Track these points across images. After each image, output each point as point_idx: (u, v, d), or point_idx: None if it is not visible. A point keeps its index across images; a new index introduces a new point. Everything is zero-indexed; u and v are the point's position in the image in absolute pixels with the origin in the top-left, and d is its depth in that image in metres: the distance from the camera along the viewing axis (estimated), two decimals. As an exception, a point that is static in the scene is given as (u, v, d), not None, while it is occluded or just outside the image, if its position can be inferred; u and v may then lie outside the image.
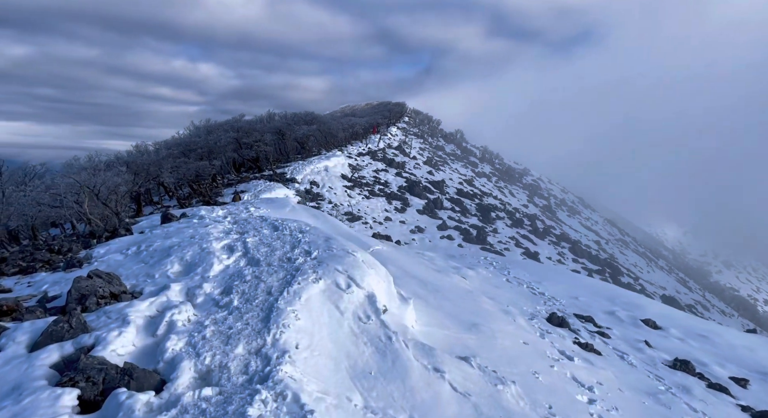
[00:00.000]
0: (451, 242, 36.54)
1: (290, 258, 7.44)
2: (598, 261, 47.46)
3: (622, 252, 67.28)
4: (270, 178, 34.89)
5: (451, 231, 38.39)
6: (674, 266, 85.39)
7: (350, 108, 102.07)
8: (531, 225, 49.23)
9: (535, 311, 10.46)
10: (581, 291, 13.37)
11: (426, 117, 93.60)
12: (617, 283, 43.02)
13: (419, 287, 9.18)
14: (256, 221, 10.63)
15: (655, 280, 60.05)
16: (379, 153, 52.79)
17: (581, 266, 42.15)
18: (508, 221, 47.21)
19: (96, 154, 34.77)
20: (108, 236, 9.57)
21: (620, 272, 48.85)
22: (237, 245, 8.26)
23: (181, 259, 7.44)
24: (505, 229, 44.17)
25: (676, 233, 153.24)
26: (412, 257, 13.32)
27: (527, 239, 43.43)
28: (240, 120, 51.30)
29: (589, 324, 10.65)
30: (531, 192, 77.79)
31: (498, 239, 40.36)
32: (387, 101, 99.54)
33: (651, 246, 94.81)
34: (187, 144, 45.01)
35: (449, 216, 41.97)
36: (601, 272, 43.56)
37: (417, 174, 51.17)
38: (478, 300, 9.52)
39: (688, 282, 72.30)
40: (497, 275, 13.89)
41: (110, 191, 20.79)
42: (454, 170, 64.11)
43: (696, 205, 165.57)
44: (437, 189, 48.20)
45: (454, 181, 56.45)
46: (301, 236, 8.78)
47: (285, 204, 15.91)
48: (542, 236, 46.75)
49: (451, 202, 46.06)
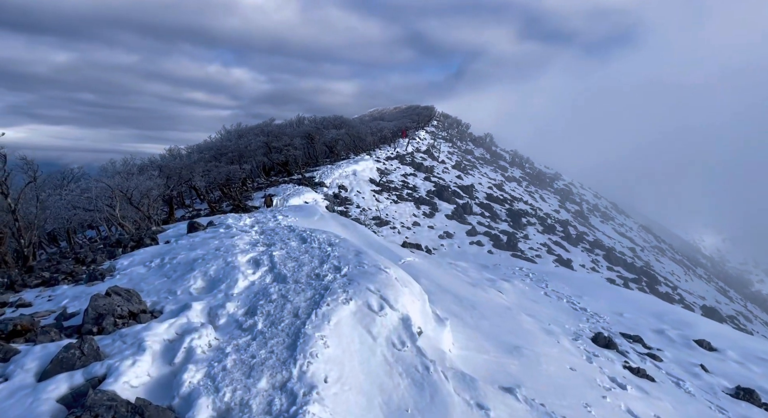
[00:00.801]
0: (481, 248, 35.74)
1: (319, 275, 7.02)
2: (633, 269, 45.79)
3: (658, 260, 64.95)
4: (299, 182, 34.86)
5: (480, 237, 37.58)
6: (713, 274, 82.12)
7: (378, 112, 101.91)
8: (563, 231, 47.87)
9: (578, 330, 9.77)
10: (626, 307, 12.55)
11: (455, 121, 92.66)
12: (654, 292, 41.40)
13: (454, 304, 8.61)
14: (284, 232, 10.32)
15: (694, 289, 57.71)
16: (407, 157, 52.28)
17: (616, 275, 40.73)
18: (540, 226, 46.00)
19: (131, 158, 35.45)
20: (133, 245, 9.35)
21: (657, 280, 47.01)
22: (263, 258, 7.94)
23: (204, 274, 7.12)
24: (537, 235, 43.04)
25: (715, 240, 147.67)
26: (444, 269, 12.76)
27: (559, 245, 42.21)
28: (270, 124, 51.64)
29: (637, 345, 9.88)
30: (562, 197, 75.92)
31: (529, 245, 39.35)
32: (415, 105, 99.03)
33: (688, 254, 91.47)
34: (218, 148, 45.51)
35: (479, 221, 41.15)
36: (637, 280, 41.97)
37: (446, 178, 50.43)
38: (517, 318, 8.90)
39: (728, 292, 69.33)
40: (534, 288, 13.20)
41: (142, 195, 20.98)
42: (483, 174, 63.08)
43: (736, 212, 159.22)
44: (466, 194, 47.37)
45: (483, 185, 55.48)
46: (331, 249, 8.38)
47: (313, 212, 15.56)
48: (575, 242, 45.39)
49: (481, 207, 45.19)
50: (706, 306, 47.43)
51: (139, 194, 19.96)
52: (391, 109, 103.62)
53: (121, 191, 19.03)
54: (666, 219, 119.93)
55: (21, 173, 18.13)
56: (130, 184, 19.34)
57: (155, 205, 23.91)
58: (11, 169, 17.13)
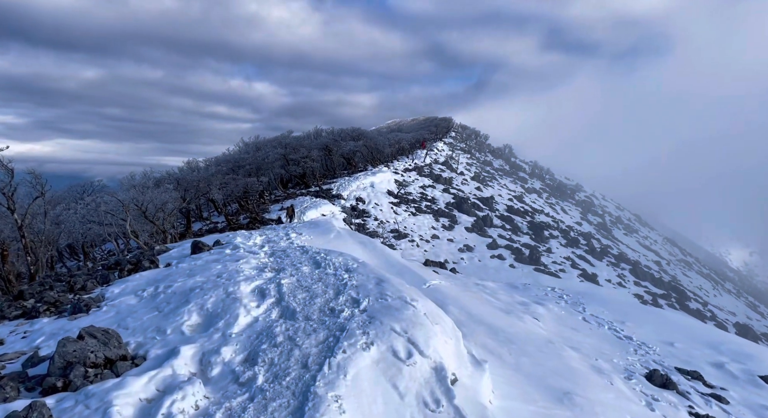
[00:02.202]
0: (502, 262, 34.47)
1: (333, 309, 6.07)
2: (662, 284, 43.92)
3: (685, 274, 62.74)
4: (316, 194, 34.21)
5: (501, 250, 36.33)
6: (742, 289, 79.16)
7: (396, 124, 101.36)
8: (587, 244, 46.26)
9: (628, 365, 8.58)
10: (675, 334, 11.28)
11: (473, 132, 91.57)
12: (685, 309, 39.52)
13: (489, 338, 7.54)
14: (296, 254, 9.39)
15: (724, 304, 55.44)
16: (425, 169, 51.31)
17: (644, 290, 39.04)
18: (563, 239, 44.47)
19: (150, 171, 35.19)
20: (131, 268, 8.52)
21: (687, 296, 45.05)
22: (270, 288, 7.02)
23: (201, 307, 6.26)
24: (560, 248, 41.56)
25: (742, 254, 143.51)
26: (472, 292, 11.66)
27: (584, 259, 40.66)
28: (288, 136, 51.26)
29: (697, 383, 8.65)
30: (584, 209, 74.07)
31: (552, 259, 37.93)
32: (433, 116, 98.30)
33: (715, 267, 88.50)
34: (236, 160, 45.21)
35: (499, 234, 39.88)
36: (666, 296, 40.16)
37: (465, 190, 49.29)
38: (561, 353, 7.79)
39: (758, 307, 66.60)
40: (571, 312, 12.01)
41: (157, 209, 20.44)
42: (503, 186, 61.76)
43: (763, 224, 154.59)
44: (486, 206, 46.13)
45: (503, 197, 54.18)
46: (348, 276, 7.39)
47: (329, 229, 14.69)
48: (600, 256, 43.76)
49: (501, 220, 43.89)
50: (739, 324, 45.26)
51: (154, 208, 19.35)
52: (408, 120, 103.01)
53: (136, 205, 18.44)
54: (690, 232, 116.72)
55: (29, 187, 17.65)
56: (145, 197, 18.73)
57: (171, 219, 23.35)
58: (18, 183, 16.64)
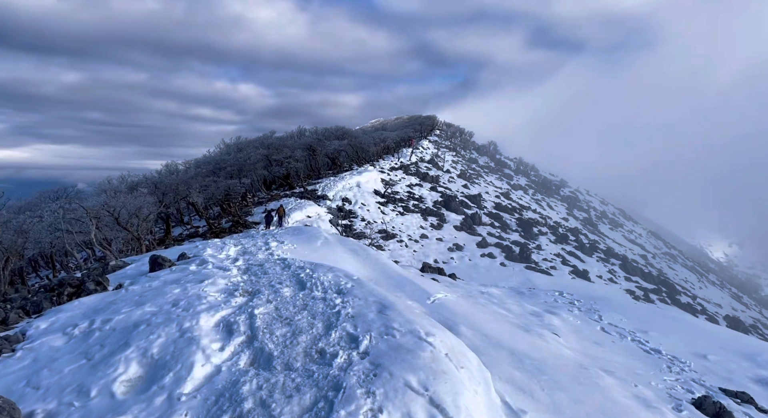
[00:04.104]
0: (493, 261, 33.62)
1: (324, 352, 4.72)
2: (651, 279, 43.56)
3: (670, 267, 62.79)
4: (301, 195, 32.96)
5: (492, 248, 35.49)
6: (724, 280, 79.81)
7: (381, 123, 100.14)
8: (576, 240, 45.68)
9: (670, 389, 7.42)
10: (704, 344, 10.24)
11: (458, 129, 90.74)
12: (676, 303, 39.12)
13: (515, 368, 6.23)
14: (275, 270, 7.94)
15: (710, 296, 55.52)
16: (411, 167, 50.24)
17: (635, 285, 38.51)
18: (552, 236, 43.81)
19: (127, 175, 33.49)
20: (71, 292, 7.07)
21: (676, 290, 44.72)
22: (239, 320, 5.56)
23: (144, 353, 4.83)
24: (549, 245, 40.88)
25: (721, 245, 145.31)
26: (481, 304, 10.48)
27: (574, 255, 40.04)
28: (270, 136, 49.75)
29: (750, 408, 7.53)
30: (569, 204, 73.79)
31: (543, 256, 37.20)
32: (417, 115, 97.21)
33: (698, 259, 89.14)
34: (216, 162, 43.74)
35: (489, 232, 39.05)
36: (657, 291, 39.72)
37: (452, 188, 48.33)
38: (598, 381, 6.55)
39: (741, 298, 67.08)
40: (588, 322, 10.93)
41: (131, 214, 19.03)
42: (489, 183, 61.00)
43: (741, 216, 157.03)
44: (474, 203, 45.25)
45: (490, 194, 53.38)
46: (341, 302, 6.03)
47: (315, 236, 13.35)
48: (589, 252, 43.16)
49: (490, 217, 43.06)
50: (729, 316, 45.10)
51: (127, 213, 17.92)
52: (393, 119, 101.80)
53: (107, 211, 16.98)
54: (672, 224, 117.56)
55: None
56: (117, 202, 17.27)
57: (147, 225, 21.88)
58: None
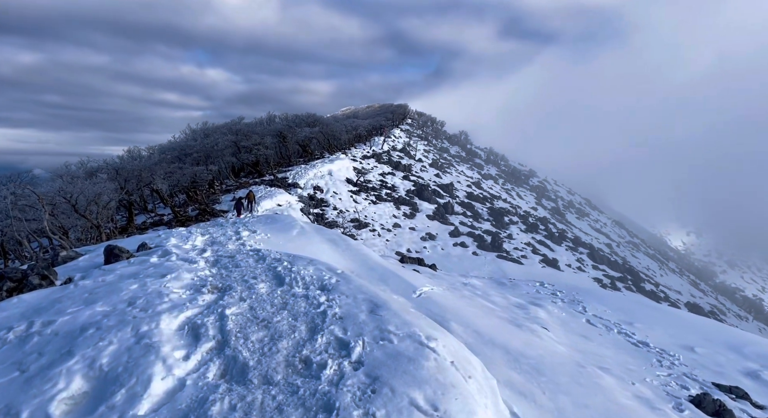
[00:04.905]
0: (465, 250, 34.06)
1: (309, 361, 4.12)
2: (617, 267, 44.99)
3: (633, 255, 64.92)
4: (271, 183, 32.44)
5: (464, 238, 35.92)
6: (683, 267, 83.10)
7: (352, 111, 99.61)
8: (545, 229, 46.71)
9: (666, 386, 7.46)
10: (689, 336, 10.51)
11: (429, 119, 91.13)
12: (641, 290, 40.53)
13: (512, 368, 6.11)
14: (248, 262, 7.18)
15: (670, 283, 57.70)
16: (384, 156, 50.22)
17: (602, 273, 39.68)
18: (522, 225, 44.67)
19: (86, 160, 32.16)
20: (11, 287, 6.07)
21: (640, 278, 46.37)
22: (207, 323, 4.79)
23: (91, 363, 3.95)
24: (520, 234, 41.67)
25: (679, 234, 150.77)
26: (466, 297, 10.48)
27: (544, 244, 40.93)
28: (239, 122, 48.66)
29: (745, 404, 7.58)
30: (538, 194, 75.31)
31: (513, 245, 37.89)
32: (389, 103, 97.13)
33: (658, 248, 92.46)
34: (182, 148, 42.44)
35: (461, 221, 39.48)
36: (623, 279, 41.05)
37: (424, 177, 48.60)
38: (598, 381, 6.56)
39: (699, 285, 70.01)
40: (572, 313, 11.12)
41: (89, 201, 18.30)
42: (460, 173, 61.60)
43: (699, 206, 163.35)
44: (446, 193, 45.66)
45: (462, 184, 53.93)
46: (326, 299, 5.48)
47: (290, 225, 12.78)
48: (558, 241, 44.22)
49: (462, 207, 43.54)
50: (690, 303, 47.06)
51: (85, 200, 17.25)
52: (364, 107, 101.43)
53: (64, 197, 16.33)
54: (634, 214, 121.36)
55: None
56: (74, 188, 16.61)
57: (107, 212, 21.16)
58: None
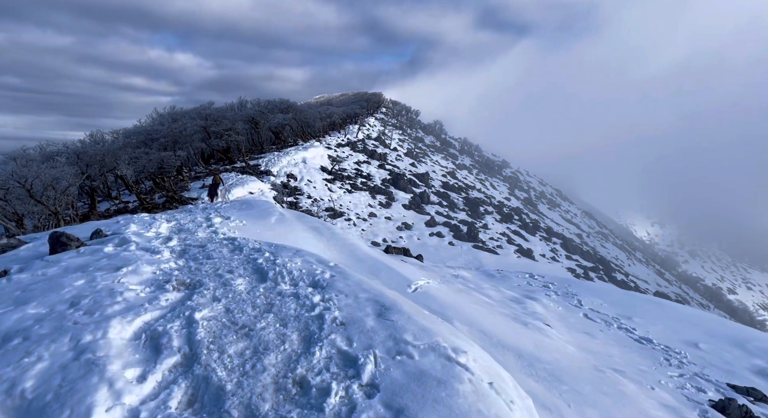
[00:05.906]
0: (441, 240, 33.71)
1: (305, 384, 3.17)
2: (589, 257, 45.52)
3: (603, 245, 66.11)
4: (242, 170, 31.27)
5: (440, 227, 35.56)
6: (648, 257, 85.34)
7: (326, 98, 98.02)
8: (519, 220, 46.88)
9: (681, 387, 7.01)
10: (691, 331, 10.17)
11: (404, 108, 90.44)
12: (612, 280, 41.10)
13: (528, 375, 5.38)
14: (222, 252, 6.03)
15: (638, 273, 59.06)
16: (359, 144, 49.34)
17: (575, 263, 40.01)
18: (497, 215, 44.68)
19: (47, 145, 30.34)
20: None
21: (611, 268, 47.13)
22: (171, 329, 3.74)
23: (9, 389, 2.93)
24: (495, 224, 41.62)
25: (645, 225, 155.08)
26: (460, 290, 9.85)
27: (518, 234, 41.00)
28: (209, 107, 46.87)
29: (765, 407, 7.37)
30: (511, 185, 75.84)
31: (489, 235, 37.78)
32: (363, 92, 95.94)
33: (625, 238, 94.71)
34: (148, 133, 40.65)
35: (437, 211, 39.11)
36: (595, 269, 41.53)
37: (400, 166, 47.99)
38: (620, 388, 5.98)
39: (664, 274, 71.98)
40: (569, 307, 10.66)
41: (46, 186, 17.03)
42: (435, 162, 61.28)
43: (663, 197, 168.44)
44: (422, 182, 45.20)
45: (437, 173, 53.59)
46: (321, 300, 4.44)
47: (268, 211, 11.45)
48: (533, 231, 44.45)
49: (438, 196, 43.18)
50: (658, 293, 48.07)
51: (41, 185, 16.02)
52: (338, 95, 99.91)
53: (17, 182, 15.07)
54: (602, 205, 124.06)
55: None
56: (29, 172, 15.37)
57: (65, 198, 19.87)
58: None
